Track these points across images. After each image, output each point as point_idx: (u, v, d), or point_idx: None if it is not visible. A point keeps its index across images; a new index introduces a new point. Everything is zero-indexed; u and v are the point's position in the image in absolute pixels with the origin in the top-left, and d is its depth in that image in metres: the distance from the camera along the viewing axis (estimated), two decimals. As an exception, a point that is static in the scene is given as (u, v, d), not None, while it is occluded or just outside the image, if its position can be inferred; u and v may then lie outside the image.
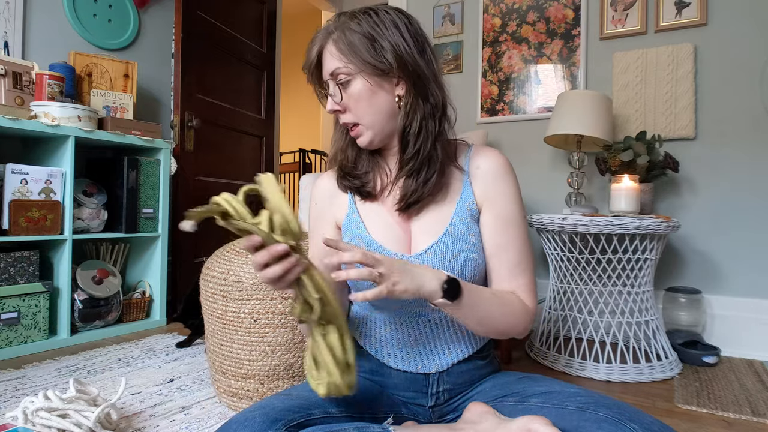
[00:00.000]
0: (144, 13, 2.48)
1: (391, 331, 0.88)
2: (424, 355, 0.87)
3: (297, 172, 4.78)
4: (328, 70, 0.85)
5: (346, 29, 0.82)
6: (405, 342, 0.87)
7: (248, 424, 0.66)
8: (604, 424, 0.67)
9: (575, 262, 1.78)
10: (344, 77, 0.83)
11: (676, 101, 2.05)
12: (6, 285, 1.70)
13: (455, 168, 0.89)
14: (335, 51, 0.83)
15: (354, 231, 0.90)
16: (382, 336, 0.89)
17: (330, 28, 0.85)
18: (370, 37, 0.82)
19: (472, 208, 0.87)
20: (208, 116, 2.56)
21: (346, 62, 0.82)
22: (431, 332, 0.87)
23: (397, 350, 0.88)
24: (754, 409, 1.35)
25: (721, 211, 1.99)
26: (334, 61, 0.83)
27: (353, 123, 0.86)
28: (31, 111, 1.80)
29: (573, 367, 1.66)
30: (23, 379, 1.45)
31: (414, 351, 0.87)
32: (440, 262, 0.83)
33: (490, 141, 2.44)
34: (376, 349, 0.90)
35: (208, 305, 1.26)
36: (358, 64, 0.82)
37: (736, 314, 1.93)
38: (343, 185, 0.93)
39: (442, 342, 0.88)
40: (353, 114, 0.85)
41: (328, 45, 0.84)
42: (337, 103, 0.85)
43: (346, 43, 0.82)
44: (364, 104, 0.84)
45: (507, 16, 2.42)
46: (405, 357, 0.87)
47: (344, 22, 0.83)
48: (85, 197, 1.99)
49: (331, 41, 0.84)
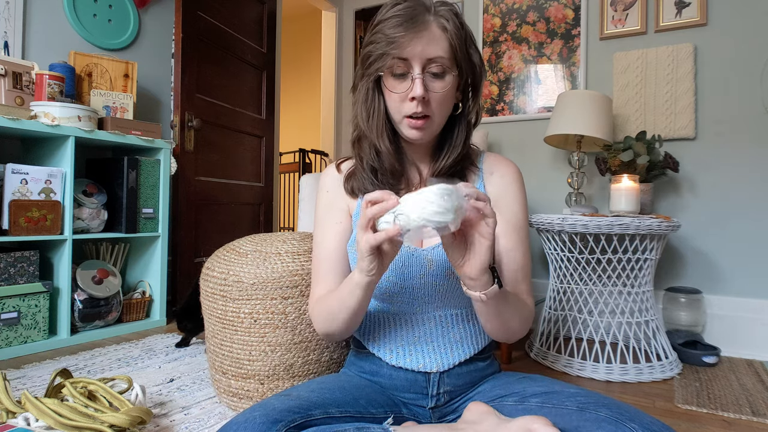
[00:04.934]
0: (144, 13, 2.48)
1: (397, 328, 0.88)
2: (427, 354, 0.87)
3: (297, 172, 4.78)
4: (429, 52, 0.78)
5: (456, 21, 0.80)
6: (409, 339, 0.88)
7: (249, 425, 0.66)
8: (603, 424, 0.67)
9: (575, 262, 1.78)
10: (441, 69, 0.80)
11: (676, 101, 2.05)
12: (6, 285, 1.70)
13: (472, 168, 0.92)
14: (443, 35, 0.79)
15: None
16: (388, 332, 0.89)
17: (431, 7, 0.81)
18: (468, 39, 0.83)
19: None
20: (208, 116, 2.56)
21: (451, 55, 0.80)
22: (436, 330, 0.88)
23: (400, 347, 0.88)
24: (754, 409, 1.36)
25: (721, 211, 1.99)
26: (438, 47, 0.79)
27: (424, 115, 0.81)
28: (31, 111, 1.80)
29: (573, 367, 1.66)
30: (23, 379, 1.45)
31: (417, 349, 0.87)
32: None
33: (490, 141, 2.44)
34: (378, 346, 0.90)
35: (208, 305, 1.26)
36: (456, 61, 0.81)
37: (736, 314, 1.93)
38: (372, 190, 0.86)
39: (447, 341, 0.88)
40: (430, 108, 0.81)
41: (433, 24, 0.79)
42: (426, 90, 0.80)
43: (456, 35, 0.80)
44: (446, 101, 0.83)
45: (507, 16, 2.42)
46: (408, 354, 0.87)
47: (451, 11, 0.81)
48: (85, 197, 1.99)
49: (439, 25, 0.79)
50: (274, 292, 1.17)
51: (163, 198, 2.20)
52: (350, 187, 0.91)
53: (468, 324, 0.89)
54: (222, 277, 1.21)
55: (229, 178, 2.74)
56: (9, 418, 1.01)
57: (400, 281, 0.85)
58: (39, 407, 0.98)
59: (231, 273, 1.20)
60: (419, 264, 0.85)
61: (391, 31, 0.77)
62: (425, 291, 0.86)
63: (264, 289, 1.17)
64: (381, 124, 0.85)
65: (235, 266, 1.21)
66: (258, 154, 3.01)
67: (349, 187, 0.91)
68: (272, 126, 3.10)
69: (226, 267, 1.23)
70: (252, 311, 1.18)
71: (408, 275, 0.85)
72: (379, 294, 0.87)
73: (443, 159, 0.87)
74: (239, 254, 1.25)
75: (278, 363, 1.19)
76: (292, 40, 5.75)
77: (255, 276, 1.18)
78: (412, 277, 0.85)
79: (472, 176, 0.92)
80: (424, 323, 0.87)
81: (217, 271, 1.24)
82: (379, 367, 0.90)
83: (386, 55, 0.79)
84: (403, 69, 0.79)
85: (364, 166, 0.89)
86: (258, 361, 1.19)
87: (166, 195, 2.22)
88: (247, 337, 1.18)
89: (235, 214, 2.79)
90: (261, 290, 1.17)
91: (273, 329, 1.18)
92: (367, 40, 0.83)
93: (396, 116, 0.84)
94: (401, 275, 0.85)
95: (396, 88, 0.81)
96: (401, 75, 0.80)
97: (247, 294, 1.18)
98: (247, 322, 1.18)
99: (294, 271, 1.19)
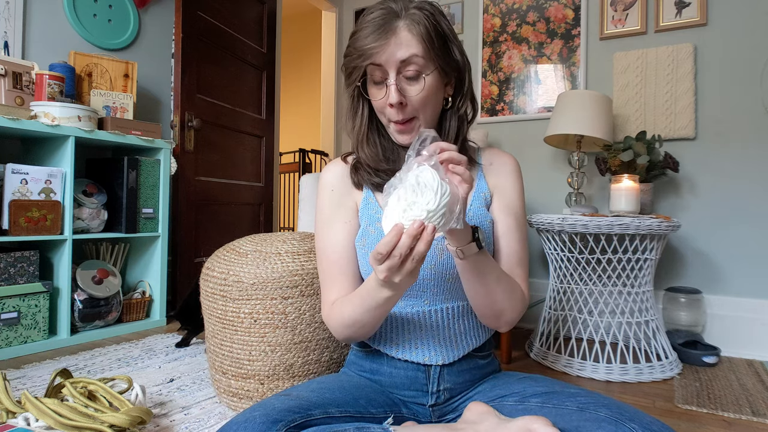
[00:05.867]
0: (144, 13, 2.48)
1: (404, 321, 0.88)
2: (432, 347, 0.87)
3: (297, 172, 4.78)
4: (399, 56, 0.77)
5: (425, 18, 0.78)
6: (416, 332, 0.88)
7: (249, 425, 0.66)
8: (603, 424, 0.67)
9: (575, 262, 1.78)
10: (417, 69, 0.78)
11: (676, 101, 2.05)
12: (6, 285, 1.70)
13: (471, 163, 0.92)
14: (413, 38, 0.77)
15: (372, 216, 0.89)
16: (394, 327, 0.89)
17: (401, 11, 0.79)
18: (446, 34, 0.82)
19: (486, 197, 0.90)
20: (208, 116, 2.57)
21: (425, 53, 0.78)
22: (442, 323, 0.88)
23: (407, 341, 0.88)
24: (754, 409, 1.36)
25: (721, 211, 1.99)
26: (410, 47, 0.77)
27: (410, 117, 0.82)
28: (31, 111, 1.80)
29: (573, 367, 1.66)
30: (23, 379, 1.45)
31: (423, 342, 0.88)
32: None
33: (490, 141, 2.44)
34: (384, 341, 0.89)
35: (208, 305, 1.26)
36: (435, 59, 0.79)
37: (736, 314, 1.93)
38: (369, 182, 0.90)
39: (452, 333, 0.88)
40: (414, 108, 0.81)
41: (402, 29, 0.78)
42: (403, 95, 0.79)
43: (428, 33, 0.78)
44: (430, 101, 0.82)
45: (507, 16, 2.42)
46: (413, 348, 0.88)
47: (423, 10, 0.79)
48: (85, 197, 1.99)
49: (408, 27, 0.78)
50: (274, 292, 1.17)
51: (163, 198, 2.20)
52: (356, 179, 0.92)
53: (472, 316, 0.90)
54: (222, 277, 1.21)
55: (229, 178, 2.74)
56: (9, 418, 1.01)
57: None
58: (39, 407, 0.98)
59: (231, 273, 1.20)
60: (430, 254, 0.85)
61: (361, 42, 0.78)
62: (435, 282, 0.86)
63: (264, 289, 1.17)
64: (363, 131, 0.88)
65: (235, 266, 1.21)
66: (258, 154, 3.01)
67: (355, 178, 0.92)
68: (272, 126, 3.10)
69: (226, 267, 1.23)
70: (252, 311, 1.18)
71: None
72: None
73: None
74: (239, 254, 1.25)
75: (278, 363, 1.19)
76: (292, 40, 5.75)
77: (255, 276, 1.18)
78: (423, 268, 0.85)
79: (472, 171, 0.92)
80: (432, 316, 0.87)
81: (217, 271, 1.24)
82: (380, 364, 0.90)
83: (358, 68, 0.81)
84: (380, 76, 0.80)
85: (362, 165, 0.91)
86: (258, 361, 1.19)
87: (166, 195, 2.22)
88: (247, 337, 1.18)
89: (235, 214, 2.79)
90: (261, 290, 1.17)
91: (273, 329, 1.18)
92: (345, 52, 0.83)
93: (383, 120, 0.86)
94: None
95: (375, 96, 0.83)
96: (379, 82, 0.81)
97: (247, 294, 1.18)
98: (247, 322, 1.18)
99: (294, 271, 1.19)
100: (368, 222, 0.89)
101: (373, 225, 0.88)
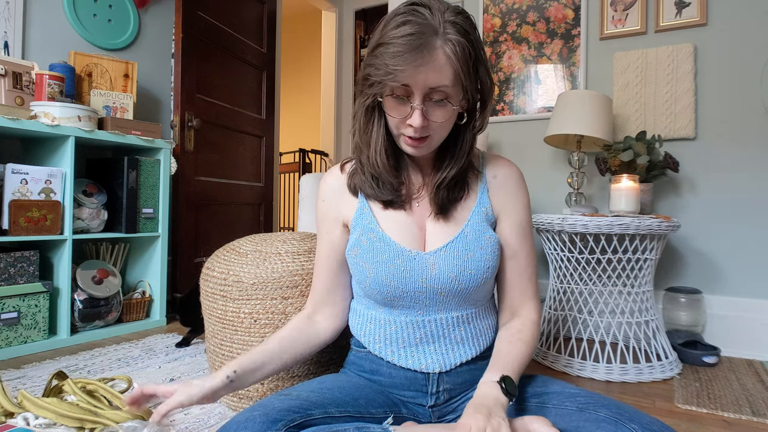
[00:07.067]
0: (144, 13, 2.48)
1: (398, 330, 0.88)
2: (429, 355, 0.87)
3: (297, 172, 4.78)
4: (430, 83, 0.73)
5: (465, 42, 0.73)
6: (411, 341, 0.87)
7: (248, 425, 0.66)
8: (603, 424, 0.67)
9: (575, 262, 1.78)
10: (444, 96, 0.75)
11: (676, 101, 2.05)
12: (6, 285, 1.70)
13: (474, 173, 0.91)
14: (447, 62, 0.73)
15: (366, 225, 0.88)
16: (389, 335, 0.89)
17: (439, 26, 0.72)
18: (479, 57, 0.77)
19: (488, 213, 0.89)
20: (208, 116, 2.57)
21: (456, 81, 0.74)
22: (438, 332, 0.87)
23: (402, 349, 0.88)
24: (754, 409, 1.36)
25: (721, 212, 1.99)
26: (441, 75, 0.73)
27: (424, 136, 0.79)
28: (31, 111, 1.80)
29: (573, 367, 1.66)
30: (23, 379, 1.45)
31: (420, 350, 0.87)
32: (454, 260, 0.84)
33: (490, 141, 2.44)
34: (380, 348, 0.89)
35: (208, 305, 1.26)
36: (464, 86, 0.76)
37: (736, 314, 1.93)
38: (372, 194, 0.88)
39: (449, 342, 0.87)
40: (432, 129, 0.78)
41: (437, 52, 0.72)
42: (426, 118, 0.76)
43: (463, 60, 0.73)
44: (447, 124, 0.80)
45: (507, 16, 2.42)
46: (409, 356, 0.87)
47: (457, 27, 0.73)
48: (85, 197, 1.99)
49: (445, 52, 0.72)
50: (274, 292, 1.17)
51: (163, 198, 2.20)
52: (353, 185, 0.91)
53: (469, 326, 0.89)
54: (222, 277, 1.21)
55: (229, 178, 2.74)
56: (8, 419, 1.01)
57: (402, 285, 0.85)
58: (37, 403, 0.98)
59: (231, 273, 1.20)
60: (421, 268, 0.85)
61: (392, 61, 0.71)
62: (427, 295, 0.85)
63: (264, 289, 1.17)
64: (378, 142, 0.84)
65: (235, 266, 1.21)
66: (258, 154, 3.01)
67: (352, 184, 0.91)
68: (272, 126, 3.10)
69: (226, 267, 1.23)
70: (252, 311, 1.18)
71: (409, 279, 0.84)
72: (380, 298, 0.87)
73: (446, 170, 0.86)
74: (239, 254, 1.25)
75: (278, 363, 1.18)
76: (292, 40, 5.75)
77: (255, 276, 1.18)
78: (414, 281, 0.85)
79: (474, 182, 0.91)
80: (426, 325, 0.87)
81: (217, 271, 1.24)
82: (379, 365, 0.90)
83: (384, 85, 0.75)
84: (403, 93, 0.75)
85: (364, 172, 0.89)
86: (258, 361, 1.18)
87: (166, 195, 2.22)
88: (247, 337, 1.18)
89: (235, 214, 2.79)
90: (261, 290, 1.17)
91: (273, 329, 1.17)
92: (368, 61, 0.77)
93: (394, 131, 0.82)
94: (402, 279, 0.84)
95: (394, 111, 0.78)
96: (400, 97, 0.76)
97: (247, 294, 1.18)
98: (247, 322, 1.18)
99: (294, 271, 1.19)
100: (361, 232, 0.89)
101: (365, 235, 0.88)
